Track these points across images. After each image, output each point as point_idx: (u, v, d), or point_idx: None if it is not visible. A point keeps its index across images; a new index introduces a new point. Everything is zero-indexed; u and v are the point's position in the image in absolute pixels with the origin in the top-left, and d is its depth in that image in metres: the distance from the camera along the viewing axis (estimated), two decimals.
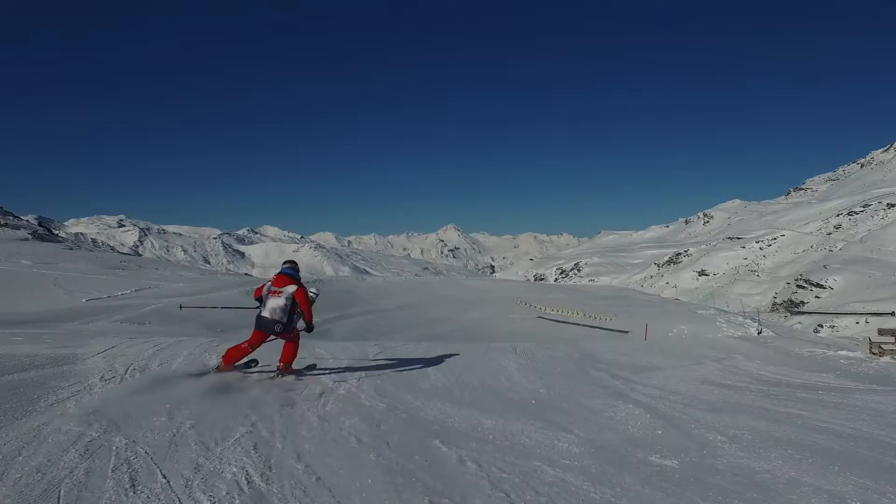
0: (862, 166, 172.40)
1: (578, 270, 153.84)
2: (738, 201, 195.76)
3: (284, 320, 5.95)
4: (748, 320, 20.34)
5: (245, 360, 6.26)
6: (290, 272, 6.25)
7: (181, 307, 13.55)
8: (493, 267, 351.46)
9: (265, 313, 5.97)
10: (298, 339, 6.43)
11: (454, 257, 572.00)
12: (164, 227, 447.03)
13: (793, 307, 79.97)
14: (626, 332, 17.65)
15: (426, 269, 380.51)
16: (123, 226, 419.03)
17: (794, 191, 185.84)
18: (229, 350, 6.15)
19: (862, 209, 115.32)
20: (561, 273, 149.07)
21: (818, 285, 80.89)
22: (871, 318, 70.11)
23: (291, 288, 6.07)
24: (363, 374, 6.57)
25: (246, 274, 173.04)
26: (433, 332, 18.65)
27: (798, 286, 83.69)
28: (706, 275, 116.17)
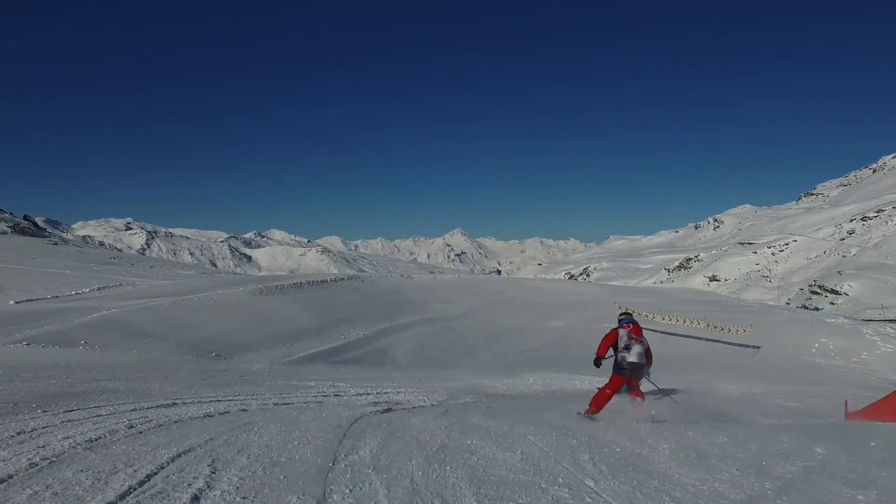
0: (874, 172, 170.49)
1: (587, 275, 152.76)
2: (748, 206, 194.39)
3: (648, 363, 6.90)
4: None
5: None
6: (635, 321, 7.12)
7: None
8: (499, 272, 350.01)
9: (633, 358, 6.63)
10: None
11: (461, 262, 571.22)
12: (171, 230, 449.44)
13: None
14: (758, 347, 15.33)
15: (432, 273, 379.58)
16: (130, 228, 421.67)
17: (805, 196, 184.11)
18: (595, 397, 6.61)
19: (875, 214, 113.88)
20: (570, 278, 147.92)
21: (833, 291, 79.49)
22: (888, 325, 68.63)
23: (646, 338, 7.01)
24: None
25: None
26: (519, 351, 14.74)
27: (812, 292, 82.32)
28: (717, 280, 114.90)
